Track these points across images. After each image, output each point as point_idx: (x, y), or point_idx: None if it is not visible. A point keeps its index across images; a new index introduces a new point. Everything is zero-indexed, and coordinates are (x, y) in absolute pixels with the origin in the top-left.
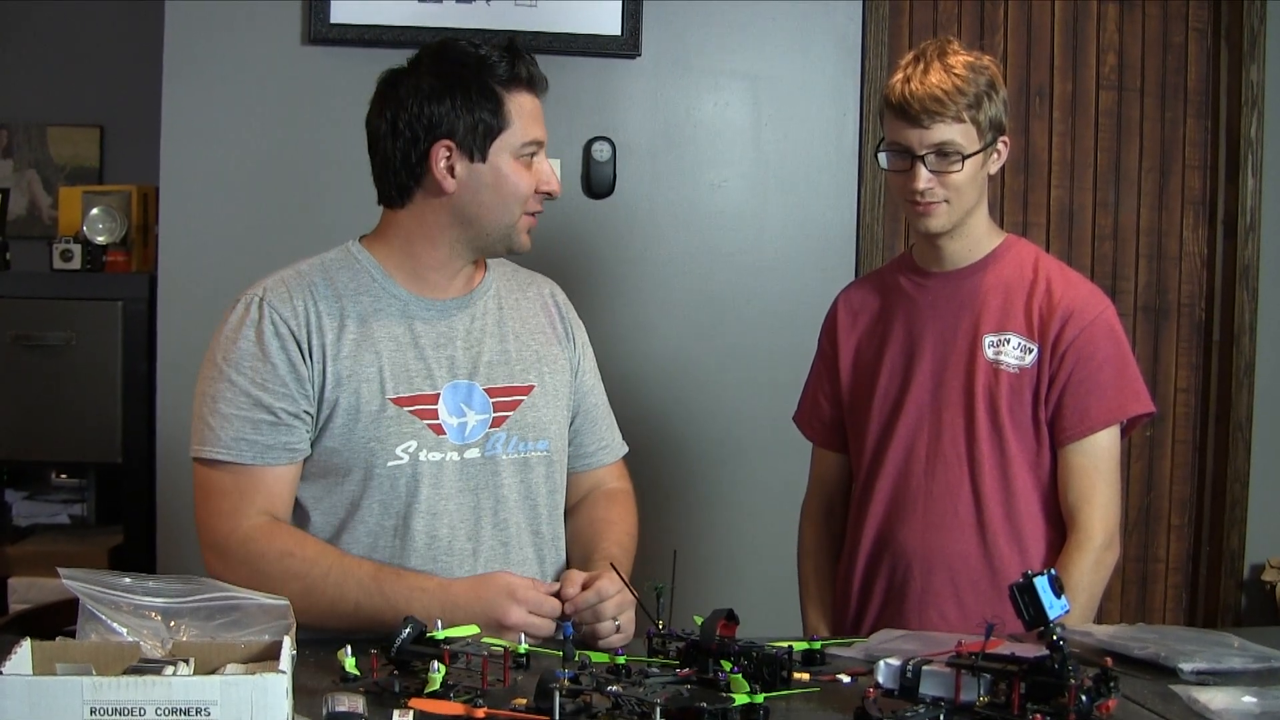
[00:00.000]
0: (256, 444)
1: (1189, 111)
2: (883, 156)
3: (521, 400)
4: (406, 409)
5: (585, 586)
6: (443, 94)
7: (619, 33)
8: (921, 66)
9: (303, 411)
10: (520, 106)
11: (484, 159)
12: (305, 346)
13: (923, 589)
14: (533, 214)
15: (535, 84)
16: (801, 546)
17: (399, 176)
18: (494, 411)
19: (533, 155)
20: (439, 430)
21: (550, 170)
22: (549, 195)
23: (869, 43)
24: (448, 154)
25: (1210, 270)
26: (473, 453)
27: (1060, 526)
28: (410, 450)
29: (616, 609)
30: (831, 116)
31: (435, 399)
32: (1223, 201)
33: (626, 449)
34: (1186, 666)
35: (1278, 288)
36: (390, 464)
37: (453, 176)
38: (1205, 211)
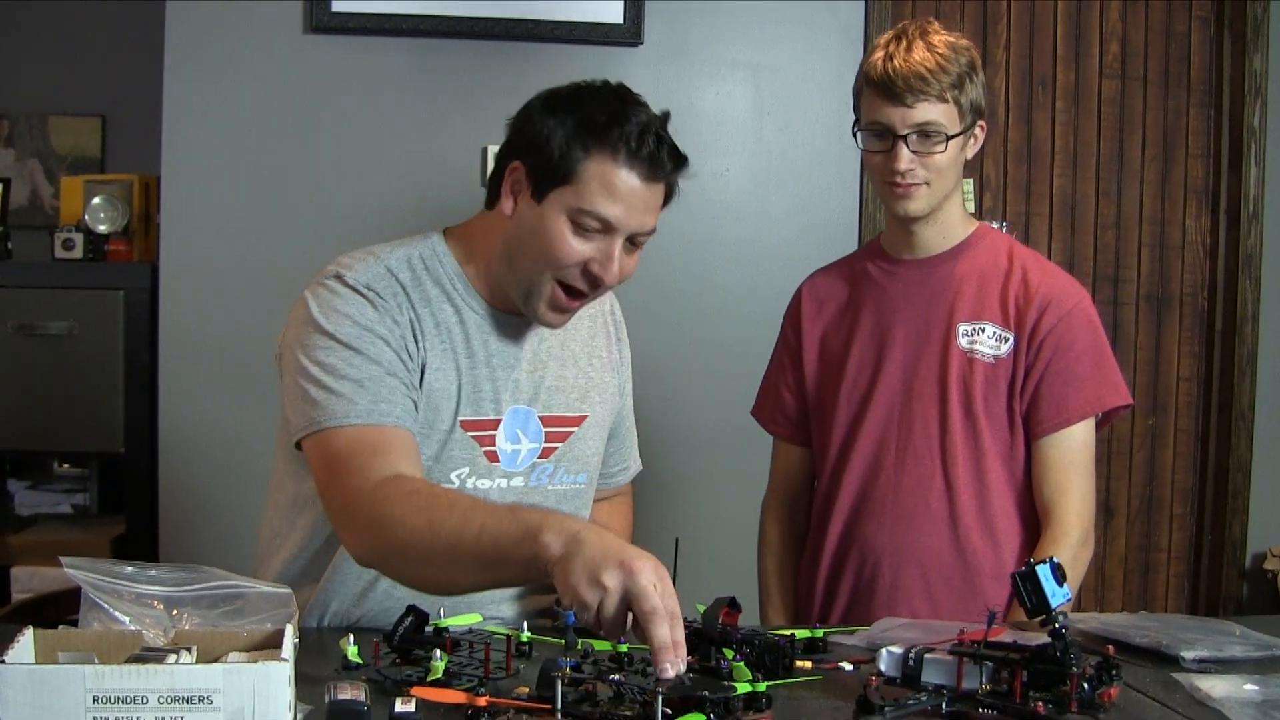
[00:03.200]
0: (395, 405)
1: (1192, 100)
2: (861, 136)
3: (573, 432)
4: (470, 434)
5: None
6: (550, 119)
7: (621, 21)
8: (904, 44)
9: (416, 390)
10: (608, 176)
11: (540, 200)
12: (409, 335)
13: (892, 585)
14: (568, 288)
15: (648, 167)
16: (764, 544)
17: (495, 176)
18: (545, 442)
19: (596, 230)
20: (493, 458)
21: (615, 258)
22: (596, 279)
23: (872, 32)
24: (515, 175)
25: (1213, 259)
26: (518, 481)
27: (1032, 521)
28: (462, 476)
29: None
30: (834, 106)
31: (497, 424)
32: (1225, 190)
33: (640, 467)
34: (1188, 654)
35: None
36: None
37: (513, 200)
38: (1208, 201)
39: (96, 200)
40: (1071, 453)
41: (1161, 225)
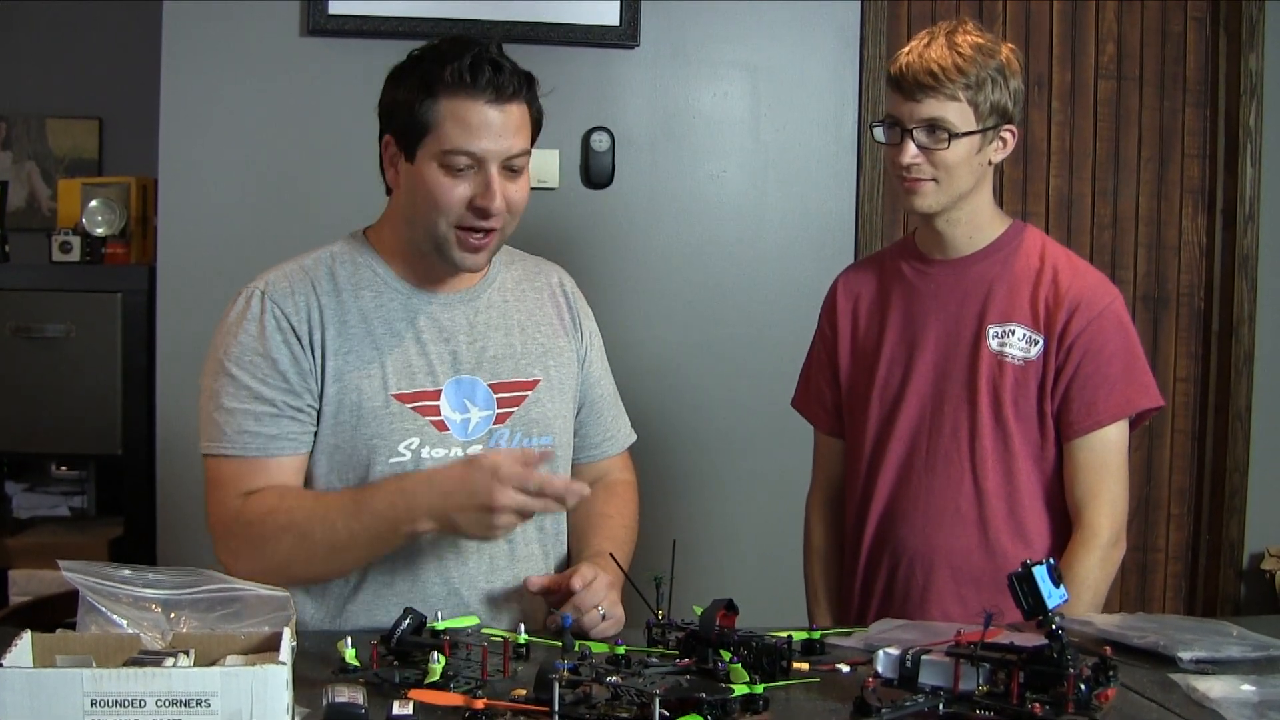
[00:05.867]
0: (260, 435)
1: (1188, 100)
2: (878, 130)
3: (526, 395)
4: (408, 405)
5: (555, 587)
6: (393, 85)
7: (617, 23)
8: (926, 41)
9: (306, 405)
10: (458, 112)
11: (411, 160)
12: (306, 341)
13: (924, 586)
14: (470, 230)
15: (488, 91)
16: (810, 545)
17: (380, 163)
18: (498, 408)
19: (468, 167)
20: (442, 426)
21: (491, 186)
22: (483, 211)
23: (868, 32)
24: (389, 149)
25: (1209, 259)
26: (476, 449)
27: (1064, 521)
28: (413, 447)
29: (594, 598)
30: (830, 106)
31: (437, 395)
32: (1222, 190)
33: (634, 437)
34: (1185, 655)
35: (1277, 277)
36: (392, 461)
37: (395, 171)
38: (1204, 200)
39: (94, 203)
40: (1103, 454)
41: (1158, 225)
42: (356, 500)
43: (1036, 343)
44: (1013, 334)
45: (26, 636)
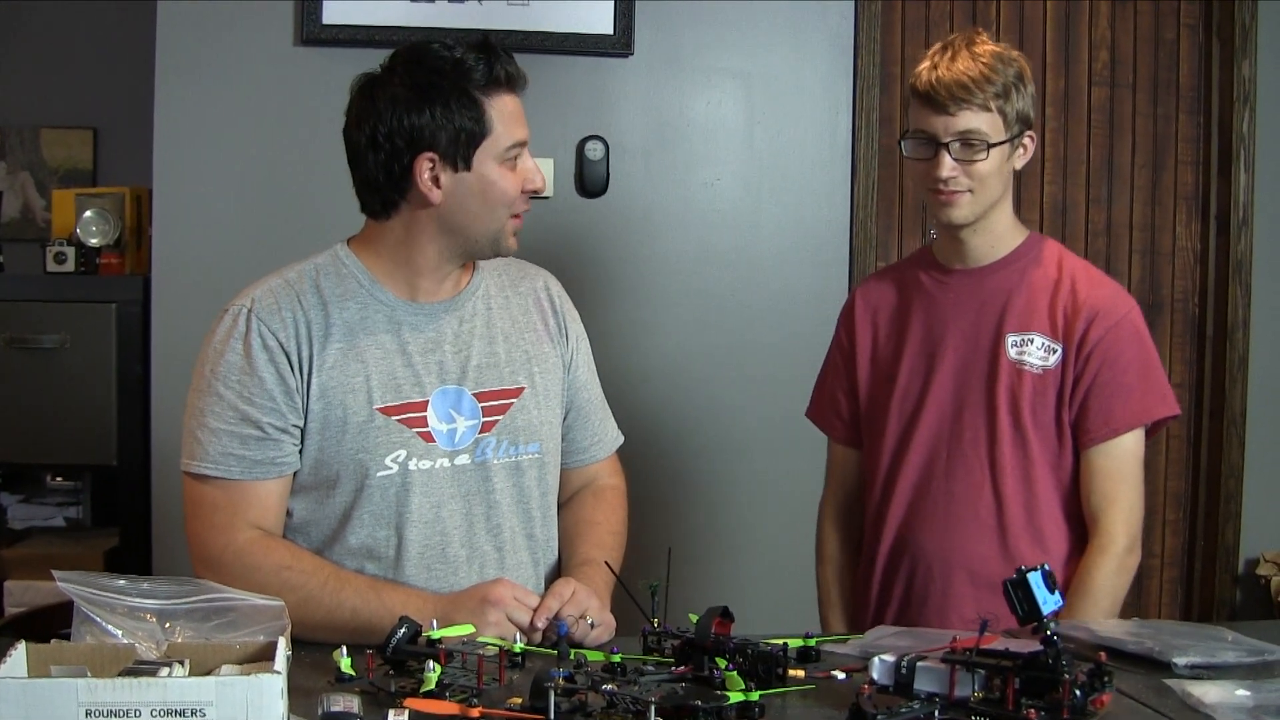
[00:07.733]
0: (245, 459)
1: (1181, 107)
2: (906, 144)
3: (511, 404)
4: (394, 418)
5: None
6: (421, 104)
7: (611, 31)
8: (949, 54)
9: (291, 425)
10: (501, 109)
11: (468, 168)
12: (293, 359)
13: (943, 592)
14: (519, 214)
15: (514, 83)
16: (822, 552)
17: (383, 191)
18: (483, 416)
19: (517, 157)
20: (428, 438)
21: (535, 167)
22: (535, 194)
23: (861, 40)
24: (431, 166)
25: (1203, 265)
26: (463, 459)
27: (1080, 528)
28: (399, 460)
29: (576, 609)
30: (824, 114)
31: (424, 406)
32: (1215, 197)
33: (622, 439)
34: (1180, 661)
35: (1271, 282)
36: (380, 474)
37: (438, 188)
38: (1198, 207)
39: (88, 213)
40: (1119, 462)
41: (1152, 232)
42: (374, 587)
43: (1055, 351)
44: (1031, 343)
45: (21, 647)
